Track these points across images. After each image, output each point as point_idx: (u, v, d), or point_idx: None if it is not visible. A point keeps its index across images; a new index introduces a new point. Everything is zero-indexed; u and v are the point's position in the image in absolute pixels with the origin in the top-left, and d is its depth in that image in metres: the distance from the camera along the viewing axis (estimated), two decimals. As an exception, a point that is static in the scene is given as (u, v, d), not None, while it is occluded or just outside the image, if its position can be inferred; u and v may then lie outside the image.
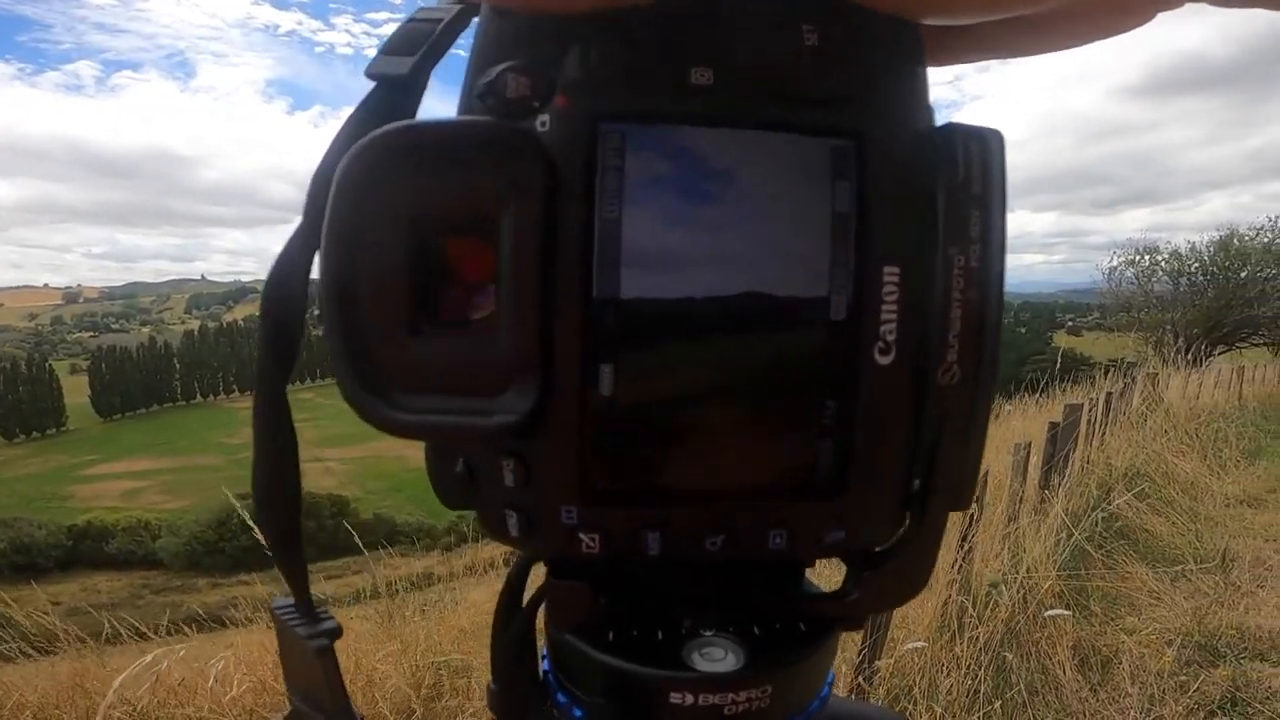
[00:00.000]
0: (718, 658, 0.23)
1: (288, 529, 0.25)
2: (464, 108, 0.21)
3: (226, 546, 27.87)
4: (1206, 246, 19.91)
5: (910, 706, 2.14)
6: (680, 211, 0.20)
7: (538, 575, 0.26)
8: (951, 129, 0.21)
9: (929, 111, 0.22)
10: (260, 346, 0.23)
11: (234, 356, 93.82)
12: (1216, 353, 17.39)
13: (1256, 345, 19.71)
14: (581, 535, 0.22)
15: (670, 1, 0.20)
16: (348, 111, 0.23)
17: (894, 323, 0.21)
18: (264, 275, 0.22)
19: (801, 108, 0.20)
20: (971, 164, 0.21)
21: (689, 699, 0.23)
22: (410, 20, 0.24)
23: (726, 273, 0.20)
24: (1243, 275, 19.26)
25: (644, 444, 0.21)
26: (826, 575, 0.32)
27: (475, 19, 0.22)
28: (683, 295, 0.20)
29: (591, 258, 0.20)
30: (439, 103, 0.23)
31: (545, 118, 0.20)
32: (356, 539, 3.11)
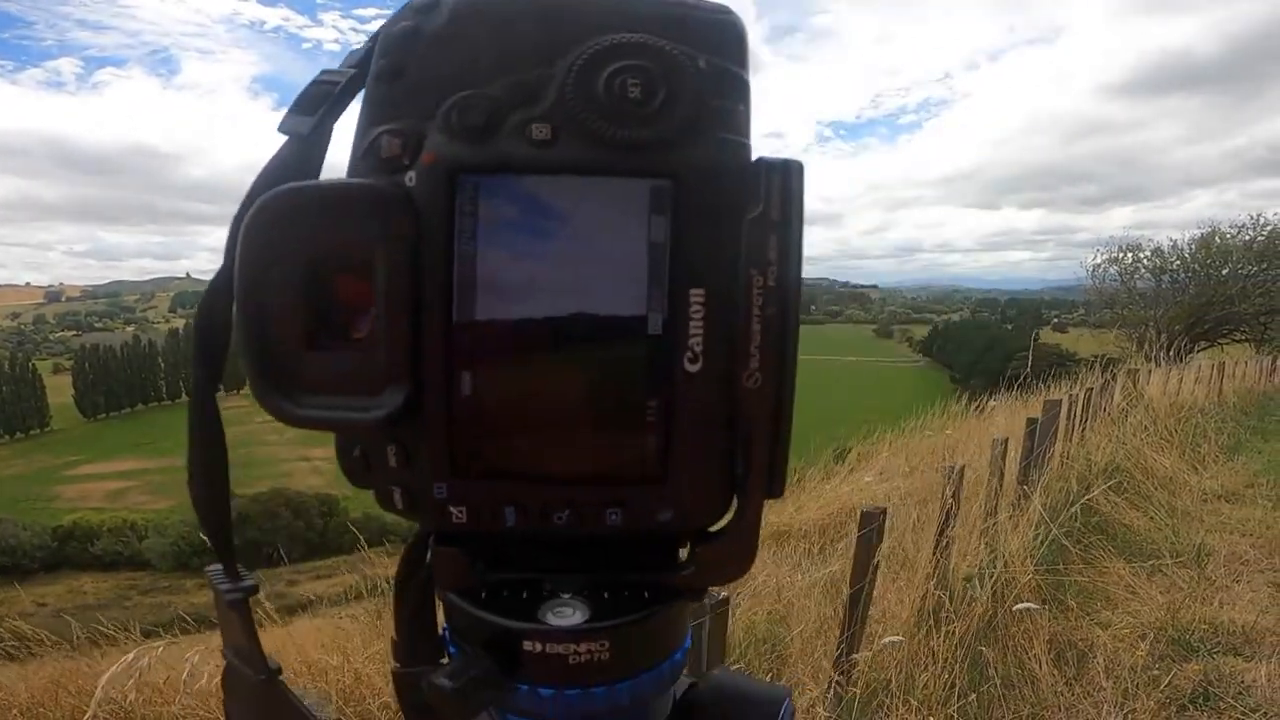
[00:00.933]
0: (566, 615, 0.27)
1: (220, 516, 0.30)
2: (352, 163, 0.25)
3: (214, 546, 27.73)
4: (1188, 244, 20.14)
5: (888, 700, 2.18)
6: (524, 248, 0.24)
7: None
8: (759, 162, 0.24)
9: (746, 148, 0.25)
10: (194, 361, 0.28)
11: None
12: (1198, 349, 17.57)
13: (1238, 341, 19.89)
14: (450, 508, 0.26)
15: (514, 64, 0.24)
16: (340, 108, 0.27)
17: (701, 336, 0.25)
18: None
19: (626, 153, 0.24)
20: (772, 193, 0.24)
21: (539, 647, 0.27)
22: (315, 82, 0.28)
23: (562, 297, 0.24)
24: (1224, 273, 19.46)
25: (498, 434, 0.26)
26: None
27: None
28: (526, 316, 0.25)
29: (452, 288, 0.24)
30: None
31: (413, 173, 0.24)
32: (359, 538, 3.12)
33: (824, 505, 5.39)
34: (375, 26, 0.26)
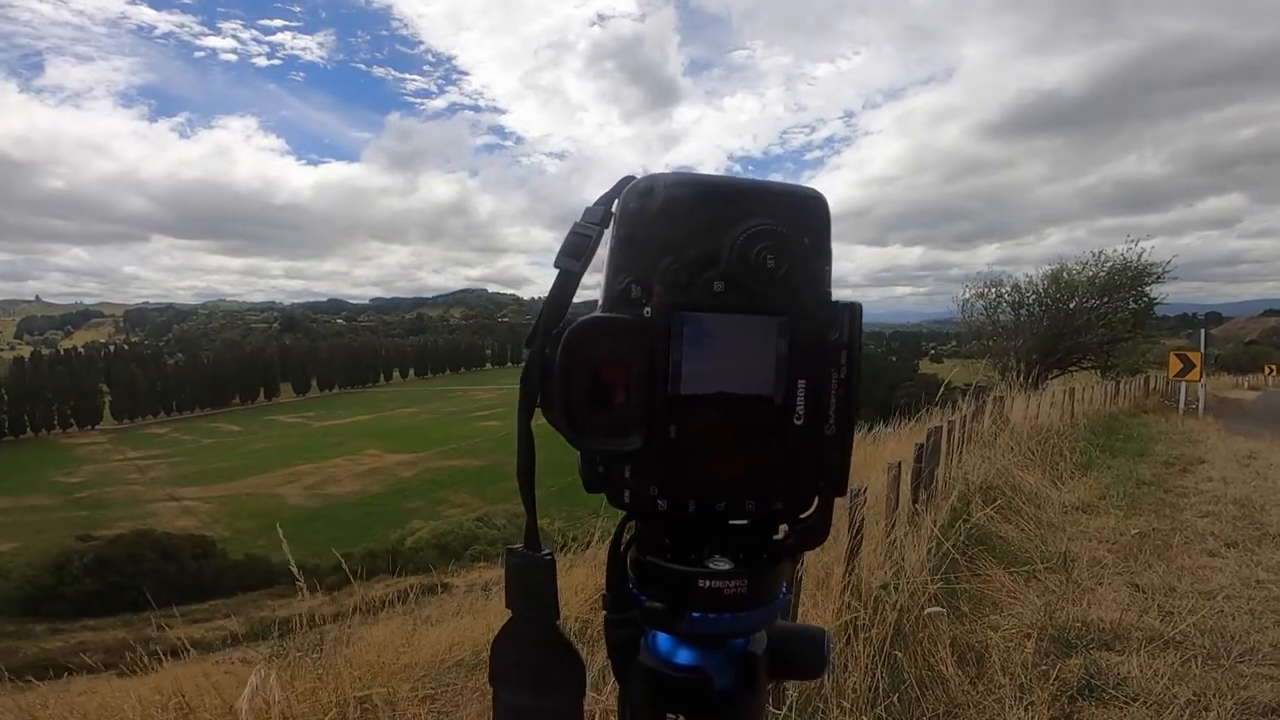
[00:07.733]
0: (721, 563, 0.42)
1: (530, 500, 0.43)
2: (609, 297, 0.39)
3: (67, 591, 25.24)
4: (1040, 279, 21.97)
5: (822, 705, 2.35)
6: (708, 355, 0.40)
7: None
8: (836, 304, 0.41)
9: (829, 295, 0.42)
10: (520, 399, 0.41)
11: (73, 388, 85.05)
12: (1051, 376, 19.18)
13: (1086, 369, 21.81)
14: (659, 501, 0.40)
15: (702, 236, 0.39)
16: (221, 121, 0.41)
17: (803, 405, 0.41)
18: (109, 297, 0.41)
19: (766, 303, 0.40)
20: (843, 323, 0.41)
21: (707, 584, 0.41)
22: (573, 234, 0.42)
23: (728, 382, 0.40)
24: (1071, 305, 21.35)
25: (689, 459, 0.41)
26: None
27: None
28: (707, 392, 0.40)
29: (668, 378, 0.39)
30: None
31: (649, 309, 0.39)
32: (294, 570, 3.00)
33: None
34: (281, 39, 0.40)
